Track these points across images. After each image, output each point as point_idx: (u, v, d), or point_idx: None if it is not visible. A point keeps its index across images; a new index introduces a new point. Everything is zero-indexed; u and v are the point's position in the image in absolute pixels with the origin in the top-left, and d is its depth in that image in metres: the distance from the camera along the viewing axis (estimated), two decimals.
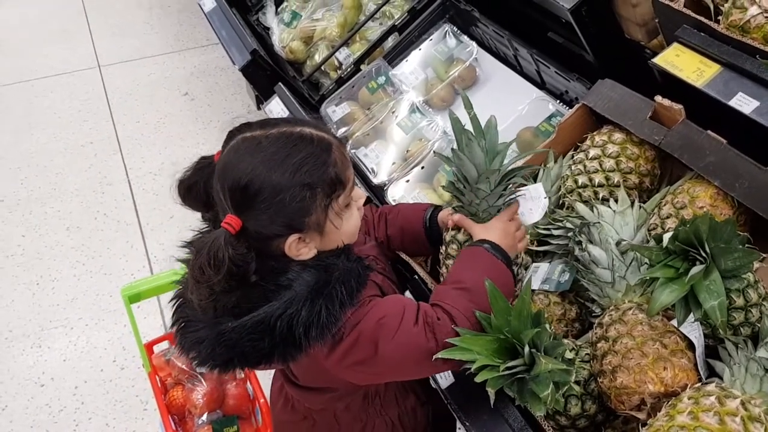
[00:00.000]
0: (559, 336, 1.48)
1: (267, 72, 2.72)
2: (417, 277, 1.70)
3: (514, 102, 2.20)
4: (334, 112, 2.47)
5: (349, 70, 2.63)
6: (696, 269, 1.17)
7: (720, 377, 1.27)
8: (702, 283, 1.18)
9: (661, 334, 1.30)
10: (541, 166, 1.78)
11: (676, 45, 1.59)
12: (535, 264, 1.67)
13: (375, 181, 2.22)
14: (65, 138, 4.07)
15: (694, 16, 1.55)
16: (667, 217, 1.48)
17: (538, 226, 1.71)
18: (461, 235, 1.49)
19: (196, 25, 4.88)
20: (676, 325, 1.29)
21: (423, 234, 1.60)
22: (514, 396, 1.27)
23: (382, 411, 1.53)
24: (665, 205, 1.51)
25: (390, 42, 2.63)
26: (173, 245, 1.32)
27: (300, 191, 1.20)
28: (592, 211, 1.55)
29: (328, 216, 1.26)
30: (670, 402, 1.21)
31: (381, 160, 2.26)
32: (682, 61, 1.56)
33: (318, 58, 2.87)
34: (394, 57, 2.53)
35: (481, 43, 2.45)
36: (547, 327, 1.27)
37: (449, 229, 1.52)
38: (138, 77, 4.50)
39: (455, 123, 1.47)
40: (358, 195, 1.35)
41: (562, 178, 1.72)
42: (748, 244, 1.22)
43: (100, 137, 4.06)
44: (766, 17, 1.48)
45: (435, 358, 1.26)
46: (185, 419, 2.25)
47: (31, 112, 4.28)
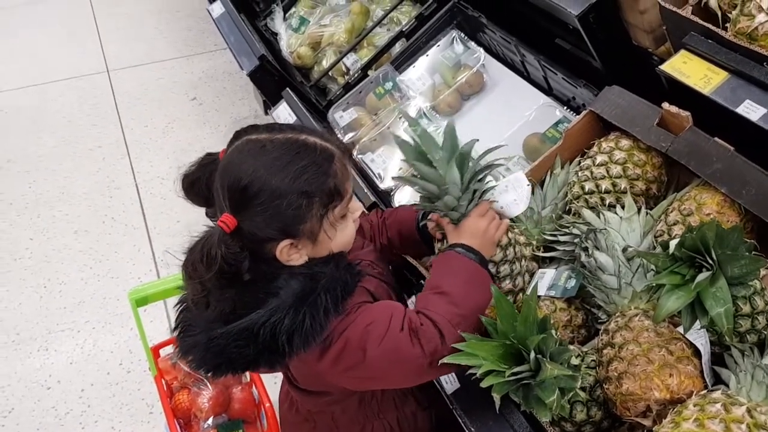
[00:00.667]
0: (564, 342, 1.48)
1: (275, 77, 2.73)
2: (424, 282, 1.70)
3: (521, 108, 2.20)
4: (341, 117, 2.47)
5: (356, 75, 2.63)
6: (702, 276, 1.17)
7: (726, 384, 1.26)
8: (708, 290, 1.17)
9: (667, 340, 1.29)
10: (548, 172, 1.78)
11: (683, 52, 1.59)
12: (541, 270, 1.66)
13: (382, 186, 2.23)
14: (74, 142, 4.09)
15: (701, 23, 1.55)
16: (674, 223, 1.48)
17: (545, 233, 1.71)
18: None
19: (204, 31, 4.90)
20: (682, 331, 1.29)
21: (417, 235, 1.61)
22: (520, 401, 1.27)
23: (380, 414, 1.54)
24: (672, 211, 1.51)
25: (397, 48, 2.64)
26: (180, 249, 1.33)
27: (297, 198, 1.22)
28: (599, 217, 1.55)
29: (322, 226, 1.27)
30: (675, 409, 1.20)
31: (388, 166, 2.27)
32: (689, 68, 1.56)
33: (326, 63, 2.88)
34: (402, 63, 2.54)
35: (488, 49, 2.46)
36: (552, 333, 1.27)
37: (436, 237, 1.53)
38: (146, 82, 4.52)
39: (403, 147, 1.43)
40: (355, 207, 1.36)
41: (569, 184, 1.72)
42: (755, 252, 1.22)
43: (109, 141, 4.08)
44: None
45: (441, 363, 1.26)
46: (191, 423, 2.25)
47: (40, 115, 4.31)
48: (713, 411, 1.14)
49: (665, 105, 1.57)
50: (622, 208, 1.56)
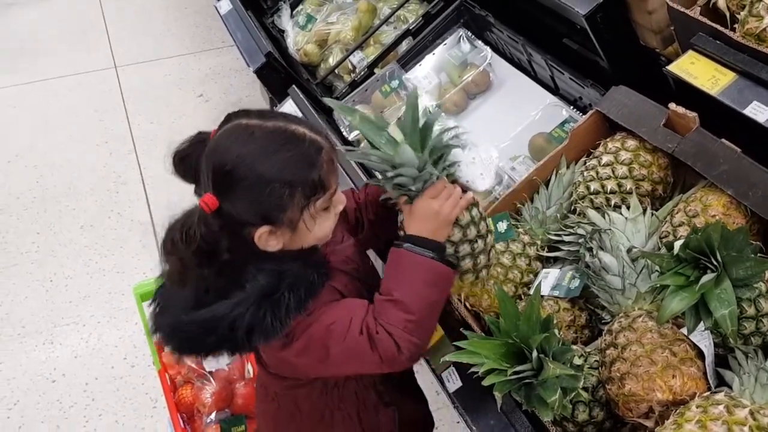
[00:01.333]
0: (567, 342, 1.48)
1: (281, 74, 2.73)
2: None
3: (527, 107, 2.20)
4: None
5: (362, 73, 2.63)
6: (707, 277, 1.17)
7: (729, 386, 1.26)
8: (713, 291, 1.17)
9: (671, 342, 1.29)
10: (554, 171, 1.78)
11: (691, 52, 1.59)
12: (545, 270, 1.66)
13: None
14: (81, 137, 4.10)
15: (709, 23, 1.54)
16: (680, 225, 1.47)
17: (550, 232, 1.71)
18: None
19: (211, 27, 4.91)
20: (685, 333, 1.28)
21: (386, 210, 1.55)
22: (522, 401, 1.27)
23: (341, 405, 1.54)
24: (677, 213, 1.50)
25: (404, 46, 2.64)
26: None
27: (281, 187, 1.22)
28: (604, 217, 1.55)
29: (302, 216, 1.27)
30: (678, 410, 1.20)
31: None
32: (697, 69, 1.55)
33: (332, 61, 2.88)
34: (408, 61, 2.54)
35: (495, 48, 2.45)
36: (555, 332, 1.27)
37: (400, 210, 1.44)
38: (154, 78, 4.53)
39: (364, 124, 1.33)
40: (339, 200, 1.35)
41: (574, 184, 1.72)
42: (760, 254, 1.21)
43: (115, 137, 4.09)
44: None
45: (448, 363, 1.27)
46: (194, 417, 2.26)
47: (48, 111, 4.32)
48: (716, 413, 1.14)
49: (672, 106, 1.56)
50: (628, 208, 1.56)
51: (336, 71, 2.83)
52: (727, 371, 1.29)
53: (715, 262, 1.18)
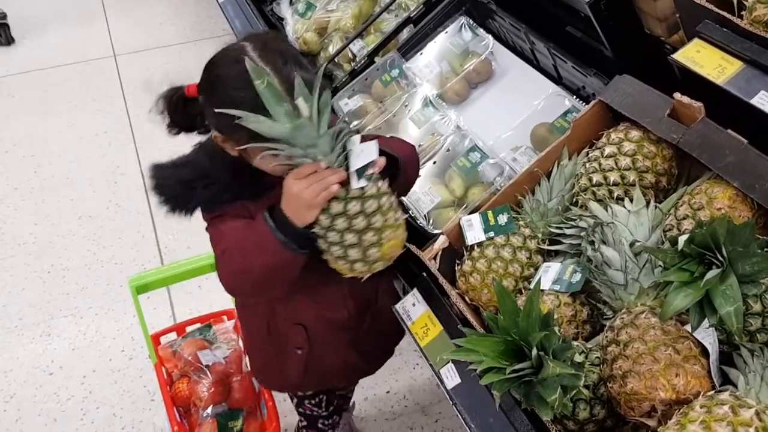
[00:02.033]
0: (568, 339, 1.44)
1: None
2: (426, 275, 1.67)
3: (529, 97, 2.15)
4: (346, 104, 2.44)
5: (362, 62, 2.59)
6: (712, 273, 1.13)
7: (734, 385, 1.22)
8: (718, 287, 1.13)
9: (674, 339, 1.26)
10: (555, 163, 1.74)
11: (697, 41, 1.55)
12: (546, 264, 1.63)
13: None
14: (79, 127, 4.07)
15: (716, 11, 1.50)
16: (684, 218, 1.44)
17: (551, 225, 1.67)
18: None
19: (212, 16, 4.87)
20: (689, 330, 1.25)
21: None
22: (521, 399, 1.24)
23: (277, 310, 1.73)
24: (682, 205, 1.47)
25: (405, 34, 2.59)
26: (184, 236, 1.36)
27: (234, 117, 1.30)
28: (606, 210, 1.51)
29: (247, 147, 1.40)
30: (681, 410, 1.17)
31: None
32: (702, 58, 1.51)
33: (332, 49, 2.83)
34: (409, 49, 2.50)
35: (497, 37, 2.41)
36: (555, 330, 1.24)
37: None
38: (153, 67, 4.50)
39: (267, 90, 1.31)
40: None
41: (576, 175, 1.68)
42: (767, 249, 1.18)
43: (114, 127, 4.06)
44: None
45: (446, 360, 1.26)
46: (190, 411, 2.24)
47: (46, 100, 4.29)
48: (720, 413, 1.11)
49: (677, 95, 1.52)
50: (631, 201, 1.52)
51: (336, 60, 2.79)
52: (732, 369, 1.26)
53: (720, 258, 1.14)
